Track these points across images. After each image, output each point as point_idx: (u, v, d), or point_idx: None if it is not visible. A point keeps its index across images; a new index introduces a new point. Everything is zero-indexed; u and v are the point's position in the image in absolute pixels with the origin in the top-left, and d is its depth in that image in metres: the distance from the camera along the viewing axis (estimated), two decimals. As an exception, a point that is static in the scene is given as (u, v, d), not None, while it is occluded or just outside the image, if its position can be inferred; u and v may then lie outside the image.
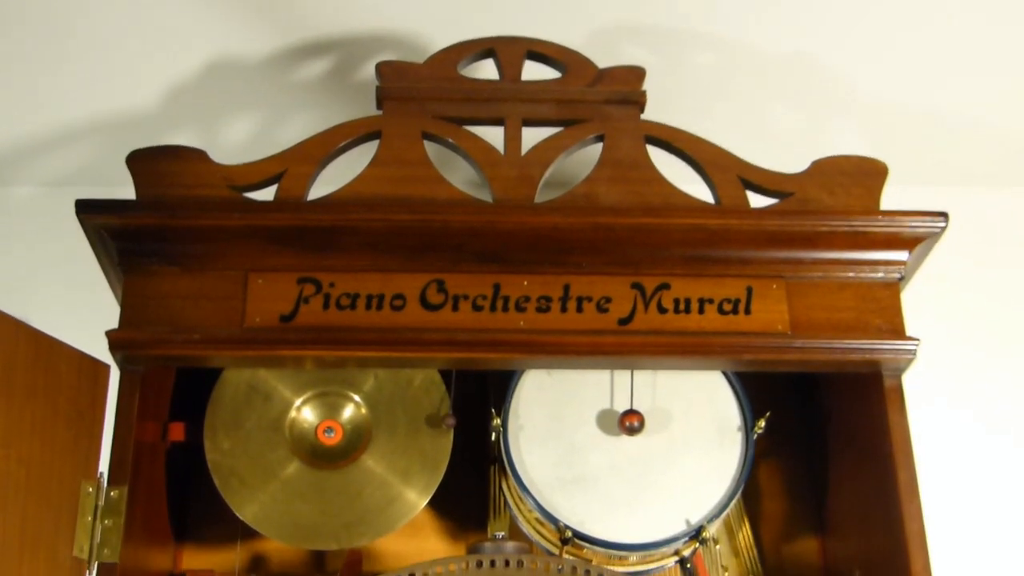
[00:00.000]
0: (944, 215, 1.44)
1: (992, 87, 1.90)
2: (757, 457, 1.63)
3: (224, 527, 1.60)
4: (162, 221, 1.42)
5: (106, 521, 1.37)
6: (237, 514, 1.48)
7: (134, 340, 1.41)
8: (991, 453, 1.96)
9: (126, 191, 1.45)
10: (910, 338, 1.43)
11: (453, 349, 1.42)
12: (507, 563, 1.37)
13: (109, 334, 1.40)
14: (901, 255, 1.46)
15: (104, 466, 1.40)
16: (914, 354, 1.43)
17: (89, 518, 1.37)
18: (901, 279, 1.47)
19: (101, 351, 1.44)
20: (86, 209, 1.41)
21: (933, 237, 1.45)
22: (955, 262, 1.98)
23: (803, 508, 1.70)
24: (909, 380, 1.46)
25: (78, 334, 1.47)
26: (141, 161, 1.47)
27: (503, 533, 1.49)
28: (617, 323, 1.43)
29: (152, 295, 1.43)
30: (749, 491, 1.66)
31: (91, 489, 1.38)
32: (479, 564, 1.37)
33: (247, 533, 1.56)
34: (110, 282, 1.50)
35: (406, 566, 1.37)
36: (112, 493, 1.38)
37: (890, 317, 1.45)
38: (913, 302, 1.51)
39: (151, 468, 1.49)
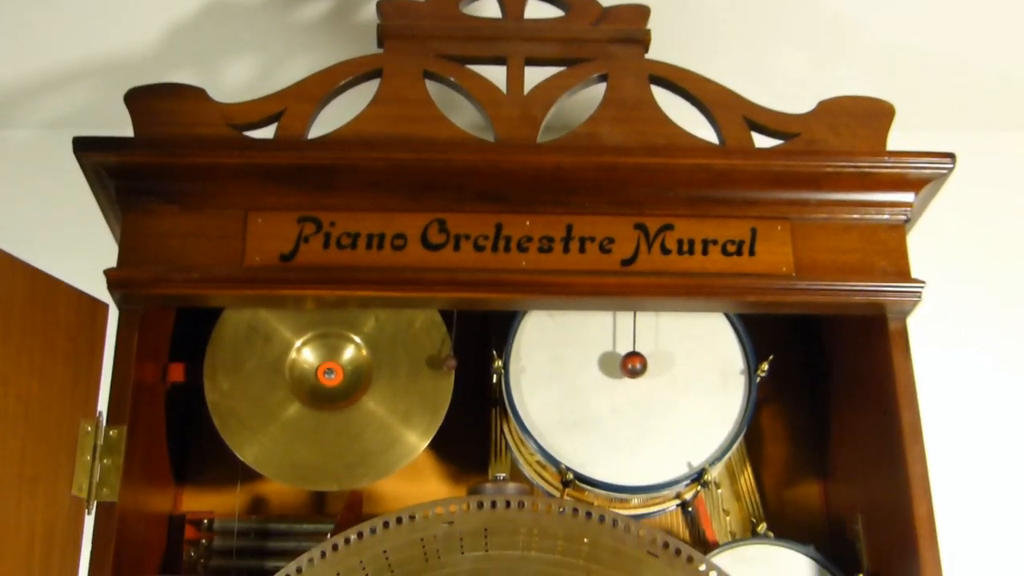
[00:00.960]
0: (951, 156, 1.43)
1: (1000, 31, 1.88)
2: (760, 401, 1.62)
3: (224, 469, 1.60)
4: (160, 159, 1.41)
5: (105, 460, 1.36)
6: (237, 455, 1.48)
7: (133, 279, 1.40)
8: (996, 396, 1.96)
9: (125, 133, 1.43)
10: (915, 280, 1.42)
11: (454, 289, 1.41)
12: (508, 504, 1.36)
13: (108, 272, 1.39)
14: (907, 197, 1.45)
15: (103, 406, 1.40)
16: (919, 297, 1.42)
17: (88, 457, 1.36)
18: (907, 221, 1.45)
19: (100, 292, 1.43)
20: (84, 147, 1.39)
21: (940, 179, 1.44)
22: (962, 206, 1.97)
23: (805, 452, 1.69)
24: (913, 323, 1.45)
25: (76, 275, 1.46)
26: (139, 99, 1.46)
27: (504, 475, 1.48)
28: (620, 264, 1.42)
29: (151, 234, 1.41)
30: (751, 435, 1.66)
31: (90, 428, 1.38)
32: (480, 505, 1.36)
33: (247, 475, 1.56)
34: (108, 222, 1.49)
35: (406, 507, 1.36)
36: (111, 432, 1.37)
37: (896, 259, 1.43)
38: (919, 245, 1.50)
39: (150, 409, 1.48)
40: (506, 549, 1.36)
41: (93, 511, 1.35)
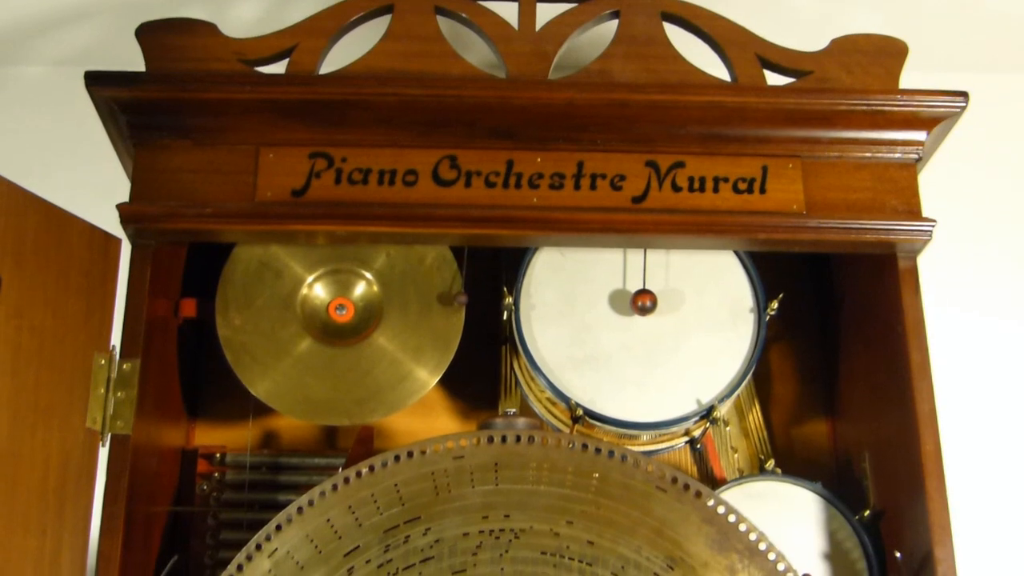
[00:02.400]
0: (964, 95, 1.42)
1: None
2: (769, 340, 1.63)
3: (236, 404, 1.61)
4: (172, 94, 1.41)
5: (119, 393, 1.38)
6: (250, 390, 1.49)
7: (145, 214, 1.40)
8: (1006, 337, 1.96)
9: (137, 70, 1.43)
10: (926, 219, 1.42)
11: (465, 225, 1.41)
12: (518, 439, 1.37)
13: (120, 207, 1.39)
14: (919, 135, 1.44)
15: (116, 340, 1.41)
16: (930, 235, 1.42)
17: (102, 390, 1.38)
18: (919, 160, 1.45)
19: (113, 229, 1.43)
20: (96, 81, 1.39)
21: (952, 117, 1.43)
22: (975, 148, 1.97)
23: (814, 391, 1.70)
24: (923, 263, 1.45)
25: (89, 211, 1.46)
26: (151, 34, 1.45)
27: (514, 410, 1.49)
28: (631, 201, 1.42)
29: (163, 169, 1.42)
30: (760, 374, 1.67)
31: (103, 361, 1.39)
32: (490, 440, 1.37)
33: (259, 410, 1.57)
34: (120, 157, 1.49)
35: (417, 442, 1.37)
36: (124, 366, 1.38)
37: (907, 198, 1.43)
38: (930, 186, 1.50)
39: (163, 343, 1.49)
40: (516, 483, 1.37)
41: (107, 444, 1.37)
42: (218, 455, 1.61)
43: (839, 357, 1.66)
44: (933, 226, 1.42)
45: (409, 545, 1.35)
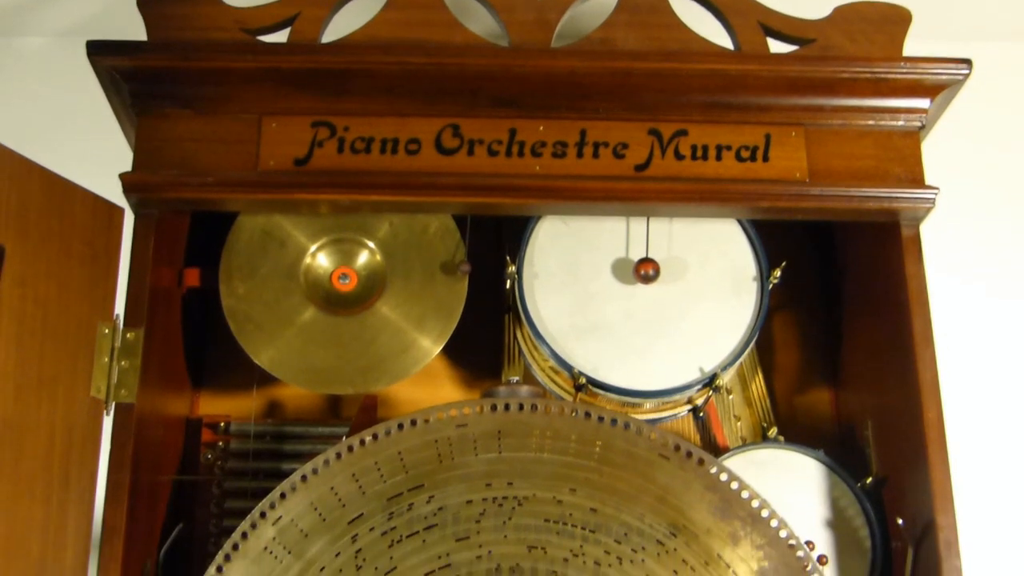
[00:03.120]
0: (967, 62, 1.42)
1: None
2: (772, 309, 1.63)
3: (240, 374, 1.61)
4: (174, 63, 1.41)
5: (123, 362, 1.38)
6: (254, 359, 1.49)
7: (148, 183, 1.40)
8: (1009, 306, 1.96)
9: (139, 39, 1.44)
10: (929, 187, 1.42)
11: (468, 193, 1.41)
12: (521, 407, 1.38)
13: (123, 176, 1.39)
14: (923, 103, 1.44)
15: (120, 309, 1.41)
16: (933, 203, 1.42)
17: (106, 359, 1.38)
18: (922, 128, 1.45)
19: (116, 199, 1.44)
20: (98, 50, 1.39)
21: (956, 85, 1.43)
22: (978, 117, 1.96)
23: (817, 360, 1.70)
24: (925, 231, 1.45)
25: (92, 181, 1.46)
26: (152, 4, 1.45)
27: (517, 378, 1.49)
28: (634, 169, 1.42)
29: (165, 138, 1.42)
30: (763, 343, 1.67)
31: (107, 330, 1.39)
32: (493, 408, 1.38)
33: (263, 380, 1.57)
34: (123, 128, 1.49)
35: (421, 410, 1.38)
36: (128, 335, 1.39)
37: (910, 166, 1.43)
38: (934, 157, 1.50)
39: (167, 313, 1.49)
40: (519, 451, 1.37)
41: (111, 412, 1.37)
42: (222, 424, 1.62)
43: (842, 326, 1.66)
44: (936, 194, 1.42)
45: (413, 513, 1.35)
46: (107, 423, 1.37)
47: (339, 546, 1.34)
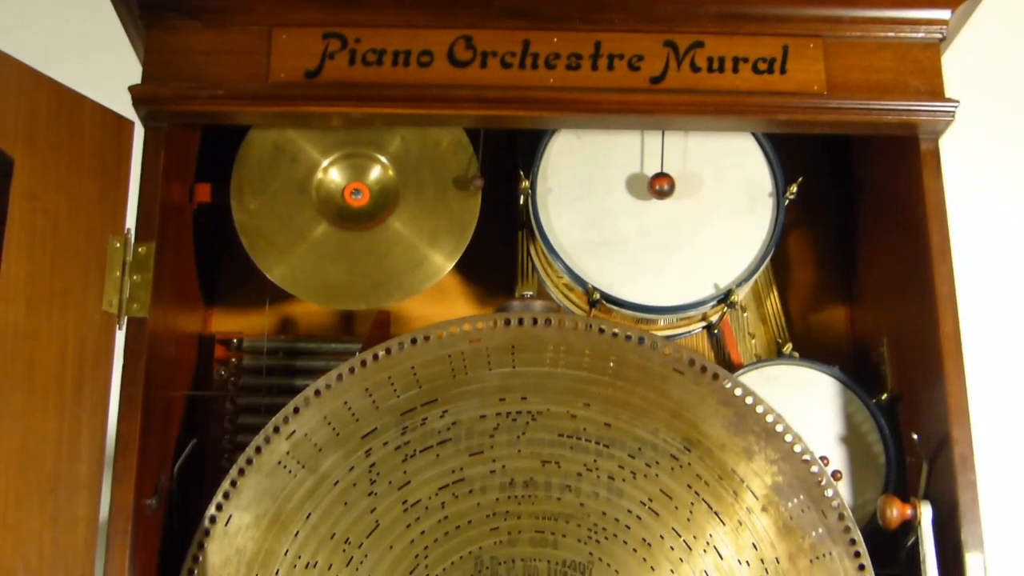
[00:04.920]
0: (990, -29, 1.40)
1: None
2: (787, 227, 1.62)
3: (253, 291, 1.62)
4: (182, -27, 1.39)
5: (135, 276, 1.37)
6: (266, 275, 1.48)
7: (157, 95, 1.39)
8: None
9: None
10: (949, 100, 1.40)
11: (481, 106, 1.40)
12: (535, 321, 1.37)
13: (132, 89, 1.38)
14: (943, 14, 1.41)
15: (131, 224, 1.40)
16: (952, 116, 1.40)
17: (118, 273, 1.37)
18: (942, 40, 1.43)
19: (126, 112, 1.42)
20: (105, -40, 1.37)
21: (977, -6, 1.41)
22: (1000, 31, 1.94)
23: (832, 277, 1.69)
24: (945, 145, 1.43)
25: (102, 97, 1.45)
26: (160, -86, 1.43)
27: (531, 293, 1.48)
28: (649, 81, 1.40)
29: (175, 51, 1.40)
30: (778, 260, 1.65)
31: (119, 244, 1.38)
32: (507, 323, 1.37)
33: (276, 296, 1.57)
34: (132, 41, 1.47)
35: (434, 324, 1.37)
36: (140, 249, 1.38)
37: (930, 78, 1.41)
38: (955, 76, 1.48)
39: (179, 228, 1.48)
40: (533, 366, 1.37)
41: (124, 326, 1.37)
42: (235, 341, 1.62)
43: (858, 243, 1.64)
44: (956, 106, 1.40)
45: (426, 427, 1.35)
46: (119, 338, 1.37)
47: (353, 460, 1.35)
